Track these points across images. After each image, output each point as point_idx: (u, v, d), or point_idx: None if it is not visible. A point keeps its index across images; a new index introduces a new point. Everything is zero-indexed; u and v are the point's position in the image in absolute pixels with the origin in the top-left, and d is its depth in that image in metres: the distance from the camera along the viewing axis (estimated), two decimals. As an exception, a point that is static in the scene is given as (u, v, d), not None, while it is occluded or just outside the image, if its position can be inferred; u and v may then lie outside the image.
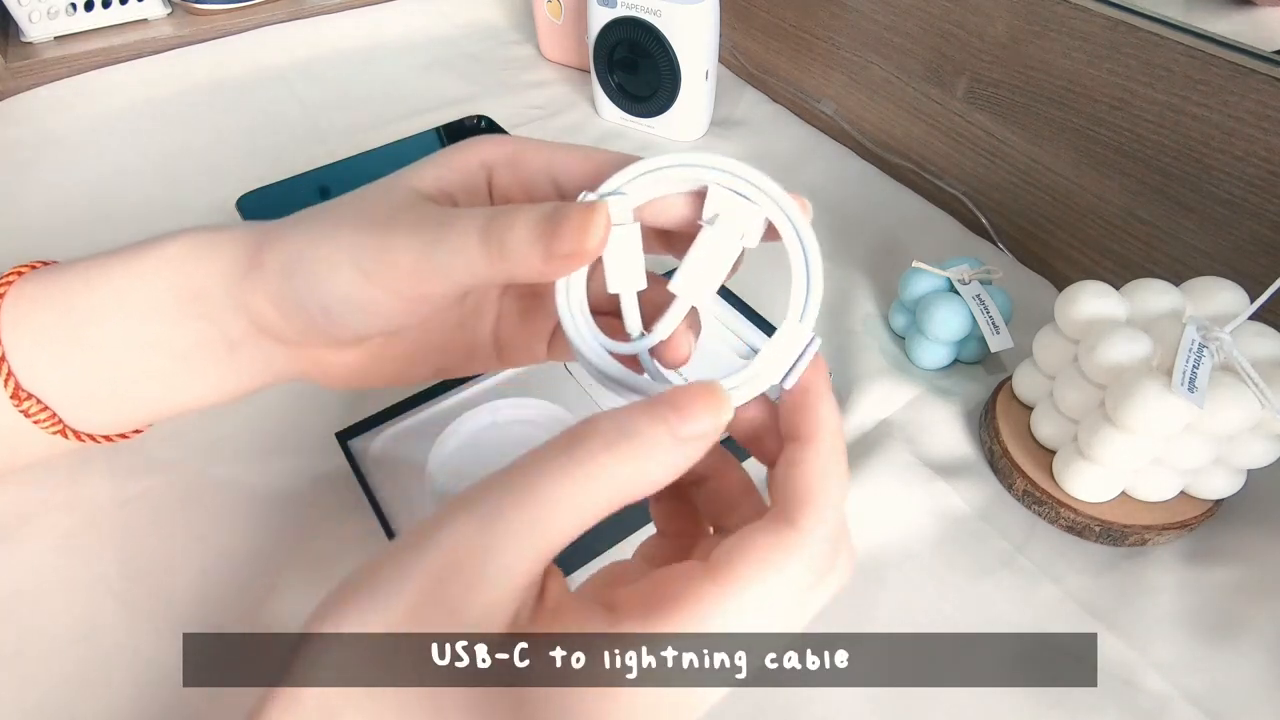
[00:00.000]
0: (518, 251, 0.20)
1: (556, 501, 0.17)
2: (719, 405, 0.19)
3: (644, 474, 0.18)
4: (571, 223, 0.20)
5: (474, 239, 0.21)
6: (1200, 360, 0.31)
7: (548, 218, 0.20)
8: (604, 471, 0.18)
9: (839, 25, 0.61)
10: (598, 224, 0.20)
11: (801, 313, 0.21)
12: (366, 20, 0.78)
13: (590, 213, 0.20)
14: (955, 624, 0.33)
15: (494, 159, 0.24)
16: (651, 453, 0.18)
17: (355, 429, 0.37)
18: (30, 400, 0.27)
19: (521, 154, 0.24)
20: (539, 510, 0.17)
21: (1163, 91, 0.41)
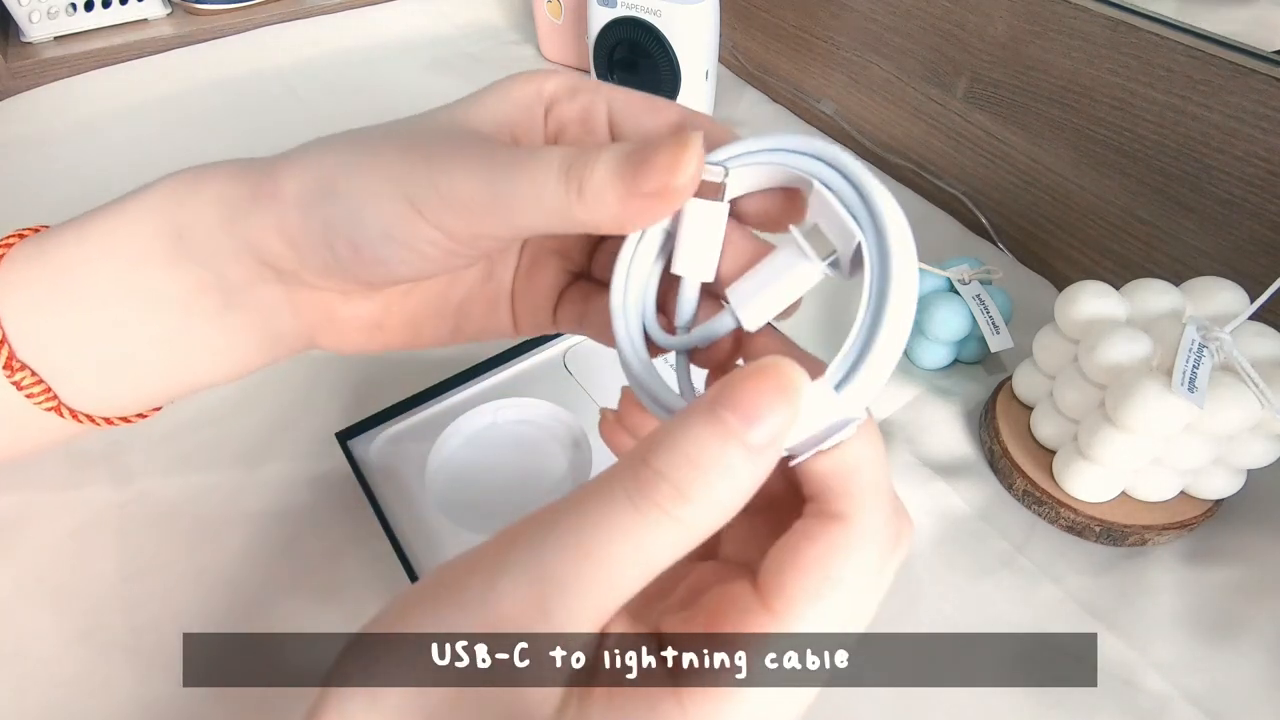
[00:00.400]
0: (598, 191, 0.18)
1: (620, 558, 0.15)
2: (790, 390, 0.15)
3: (719, 507, 0.15)
4: (661, 156, 0.17)
5: (551, 178, 0.18)
6: (1200, 360, 0.31)
7: (635, 151, 0.18)
8: (677, 523, 0.15)
9: (839, 25, 0.61)
10: (690, 159, 0.17)
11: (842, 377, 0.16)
12: (366, 20, 0.78)
13: (682, 146, 0.17)
14: (955, 624, 0.33)
15: (553, 93, 0.23)
16: (724, 479, 0.15)
17: (355, 429, 0.37)
18: (24, 371, 0.24)
19: (581, 89, 0.23)
20: (601, 571, 0.15)
21: (1163, 91, 0.41)
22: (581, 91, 0.23)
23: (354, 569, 0.34)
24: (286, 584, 0.34)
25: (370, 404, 0.38)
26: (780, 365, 0.15)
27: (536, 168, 0.19)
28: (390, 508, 0.35)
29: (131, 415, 0.28)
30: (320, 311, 0.25)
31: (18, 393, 0.25)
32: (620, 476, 0.15)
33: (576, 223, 0.19)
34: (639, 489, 0.15)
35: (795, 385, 0.15)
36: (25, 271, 0.24)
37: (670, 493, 0.14)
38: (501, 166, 0.19)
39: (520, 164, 0.19)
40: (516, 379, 0.40)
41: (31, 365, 0.24)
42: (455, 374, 0.39)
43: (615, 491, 0.15)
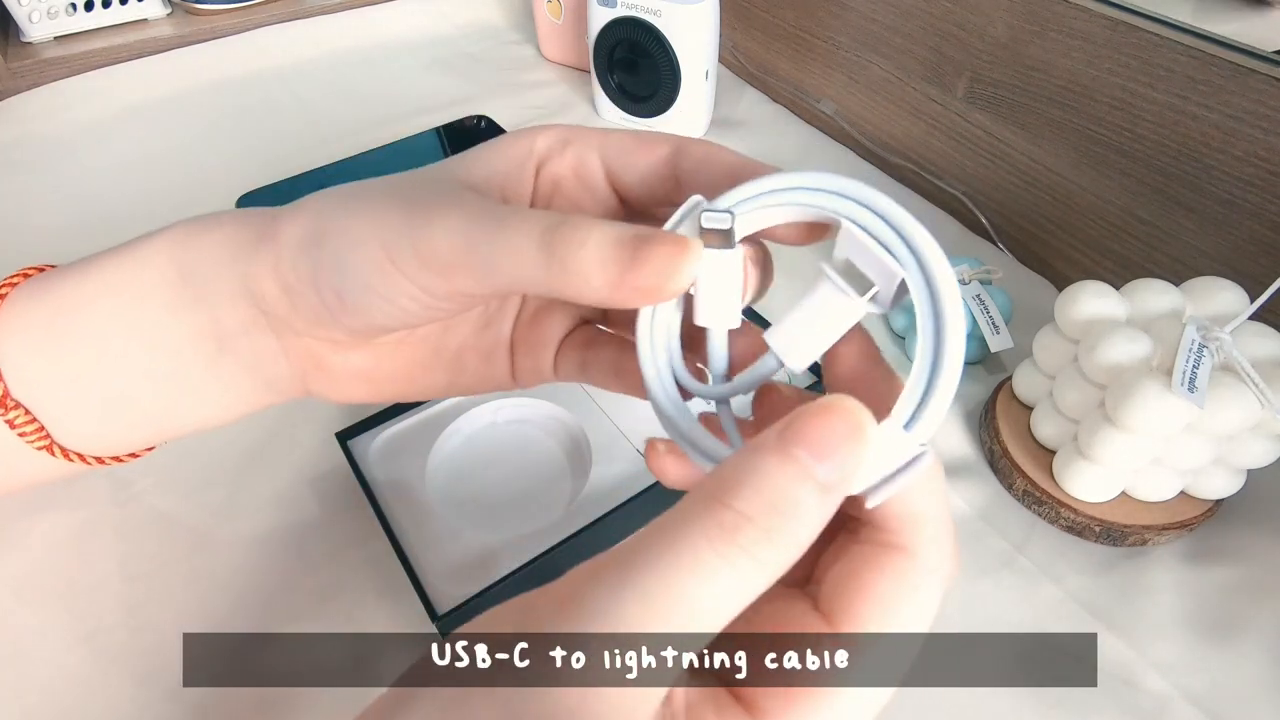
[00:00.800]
0: (582, 272, 0.17)
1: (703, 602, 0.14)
2: (858, 428, 0.15)
3: (797, 546, 0.15)
4: (658, 255, 0.17)
5: (532, 244, 0.18)
6: (1200, 360, 0.31)
7: (627, 242, 0.17)
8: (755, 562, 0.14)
9: (839, 25, 0.61)
10: (687, 263, 0.17)
11: (910, 416, 0.16)
12: (366, 20, 0.78)
13: (681, 249, 0.17)
14: (955, 624, 0.33)
15: (545, 149, 0.23)
16: (802, 519, 0.15)
17: (355, 429, 0.37)
18: (18, 410, 0.24)
19: (571, 141, 0.23)
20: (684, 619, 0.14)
21: (1163, 91, 0.41)
22: (572, 144, 0.22)
23: (354, 569, 0.34)
24: (287, 584, 0.34)
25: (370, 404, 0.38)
26: (847, 404, 0.15)
27: (516, 231, 0.18)
28: (390, 508, 0.35)
29: (124, 455, 0.28)
30: (311, 360, 0.25)
31: (10, 431, 0.25)
32: (699, 518, 0.15)
33: (556, 292, 0.18)
34: (721, 534, 0.14)
35: (863, 423, 0.15)
36: (25, 314, 0.25)
37: (755, 535, 0.14)
38: (480, 223, 0.19)
39: (502, 224, 0.19)
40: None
41: (26, 404, 0.25)
42: (455, 374, 0.39)
43: (694, 535, 0.14)
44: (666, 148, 0.22)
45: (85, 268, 0.25)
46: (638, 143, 0.22)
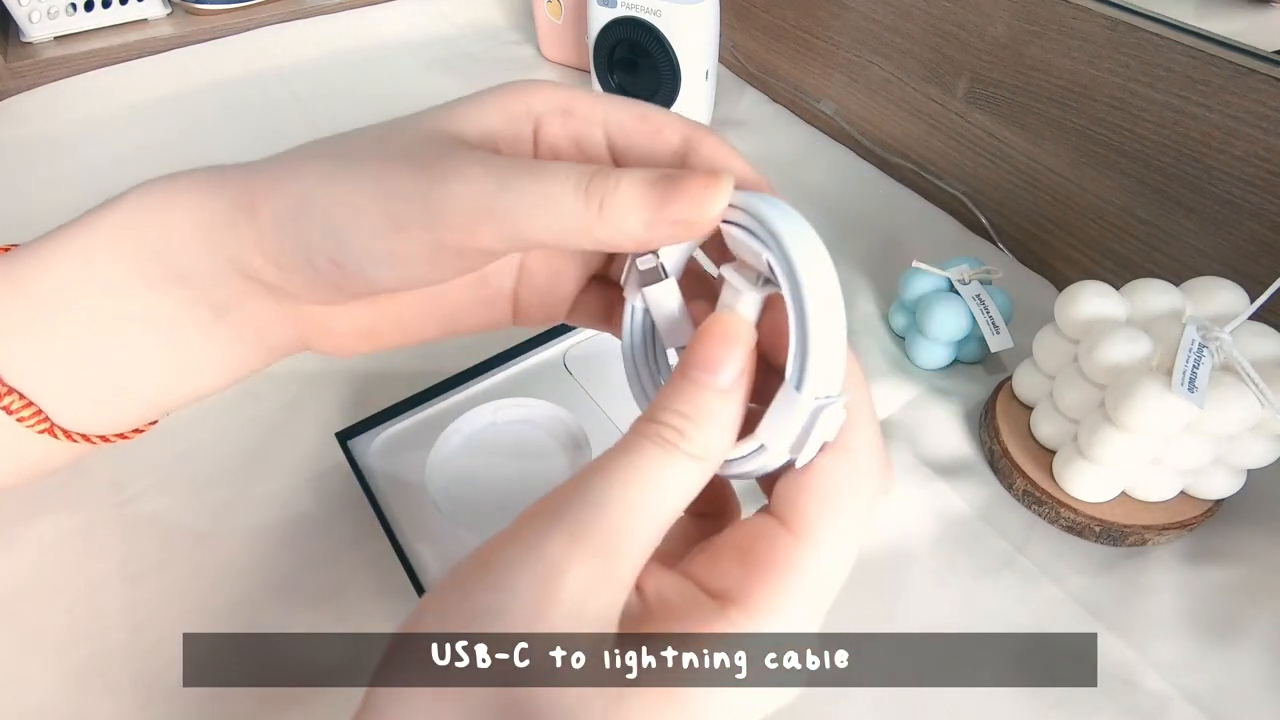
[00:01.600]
0: (621, 210, 0.18)
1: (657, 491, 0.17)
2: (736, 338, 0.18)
3: (718, 438, 0.18)
4: (693, 186, 0.18)
5: (569, 190, 0.18)
6: (1200, 360, 0.31)
7: (663, 177, 0.18)
8: (678, 451, 0.17)
9: (839, 25, 0.61)
10: (721, 193, 0.18)
11: (796, 376, 0.18)
12: (366, 20, 0.78)
13: (715, 180, 0.18)
14: (955, 624, 0.33)
15: (543, 108, 0.22)
16: (713, 419, 0.18)
17: (355, 429, 0.37)
18: (12, 395, 0.24)
19: (573, 105, 0.22)
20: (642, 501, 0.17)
21: (1163, 91, 0.41)
22: (574, 115, 0.22)
23: (354, 569, 0.34)
24: (286, 584, 0.34)
25: (370, 404, 0.38)
26: (720, 318, 0.19)
27: (551, 180, 0.18)
28: (390, 508, 0.35)
29: (128, 431, 0.27)
30: (310, 321, 0.25)
31: (8, 417, 0.24)
32: (630, 434, 0.18)
33: (591, 239, 0.19)
34: (646, 434, 0.18)
35: (730, 330, 0.18)
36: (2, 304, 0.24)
37: (672, 433, 0.17)
38: (507, 178, 0.19)
39: (531, 175, 0.19)
40: (516, 379, 0.40)
41: (19, 389, 0.24)
42: (455, 374, 0.39)
43: (629, 442, 0.18)
44: (676, 139, 0.22)
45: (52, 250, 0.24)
46: (645, 129, 0.22)
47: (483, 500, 0.36)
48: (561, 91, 0.22)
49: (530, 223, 0.19)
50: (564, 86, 0.22)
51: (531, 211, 0.19)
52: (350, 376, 0.43)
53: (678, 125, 0.22)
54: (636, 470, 0.17)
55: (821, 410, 0.17)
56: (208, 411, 0.40)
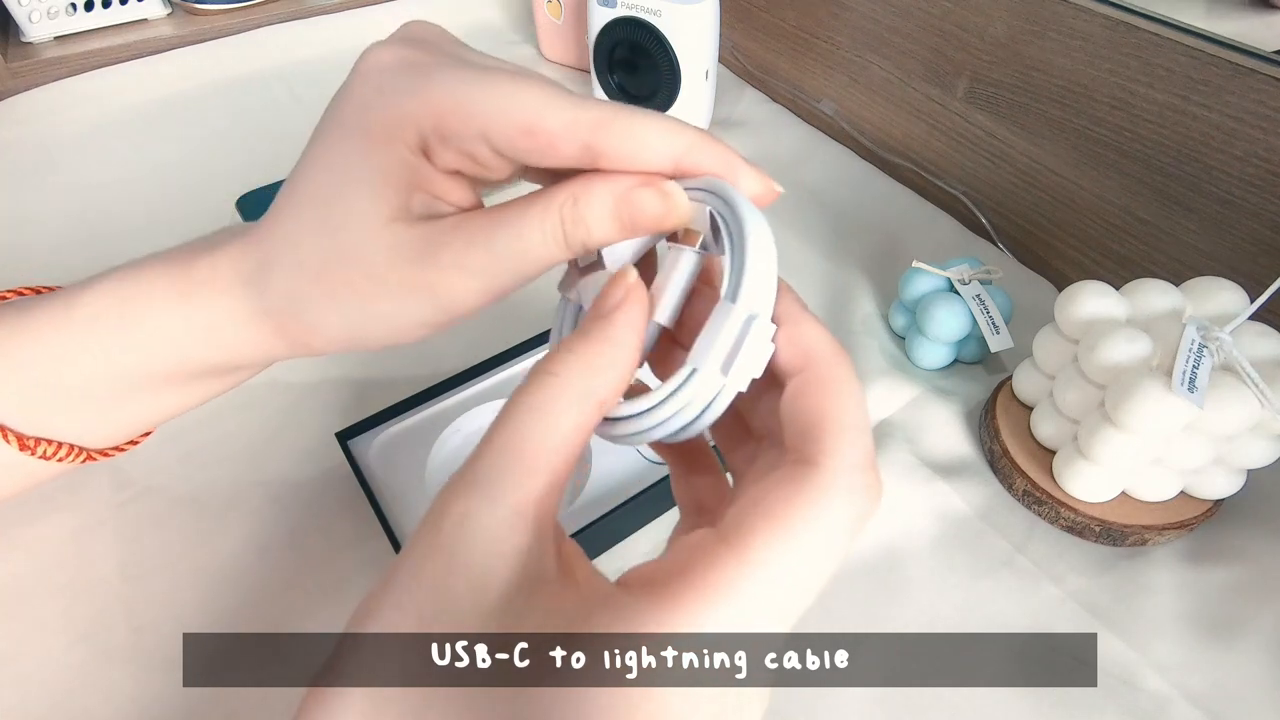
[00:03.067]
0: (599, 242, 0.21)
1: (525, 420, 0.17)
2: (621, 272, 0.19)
3: (592, 363, 0.18)
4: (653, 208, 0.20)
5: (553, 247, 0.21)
6: (1200, 360, 0.31)
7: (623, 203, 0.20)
8: (553, 377, 0.18)
9: (839, 25, 0.61)
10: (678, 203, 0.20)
11: (731, 289, 0.18)
12: (366, 20, 0.78)
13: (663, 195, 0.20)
14: (955, 624, 0.33)
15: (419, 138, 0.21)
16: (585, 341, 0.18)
17: (355, 429, 0.37)
18: (43, 444, 0.26)
19: (446, 126, 0.20)
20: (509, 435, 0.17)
21: (1163, 91, 0.41)
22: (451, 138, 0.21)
23: (354, 569, 0.34)
24: (287, 584, 0.34)
25: (370, 404, 0.38)
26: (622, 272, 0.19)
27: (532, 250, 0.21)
28: (390, 508, 0.35)
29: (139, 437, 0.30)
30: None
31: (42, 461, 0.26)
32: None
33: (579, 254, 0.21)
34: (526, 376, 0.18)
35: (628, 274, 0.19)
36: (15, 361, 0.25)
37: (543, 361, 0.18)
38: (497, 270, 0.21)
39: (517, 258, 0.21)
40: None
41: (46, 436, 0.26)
42: (455, 374, 0.39)
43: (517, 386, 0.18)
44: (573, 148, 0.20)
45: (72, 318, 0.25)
46: (535, 145, 0.20)
47: (483, 500, 0.36)
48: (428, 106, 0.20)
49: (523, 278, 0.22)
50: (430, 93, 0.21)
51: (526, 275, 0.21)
52: (350, 377, 0.43)
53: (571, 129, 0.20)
54: (505, 412, 0.17)
55: (753, 322, 0.18)
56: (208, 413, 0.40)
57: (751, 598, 0.15)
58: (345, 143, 0.22)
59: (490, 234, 0.21)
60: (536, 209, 0.21)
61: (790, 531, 0.16)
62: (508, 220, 0.21)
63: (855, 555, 0.35)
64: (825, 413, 0.17)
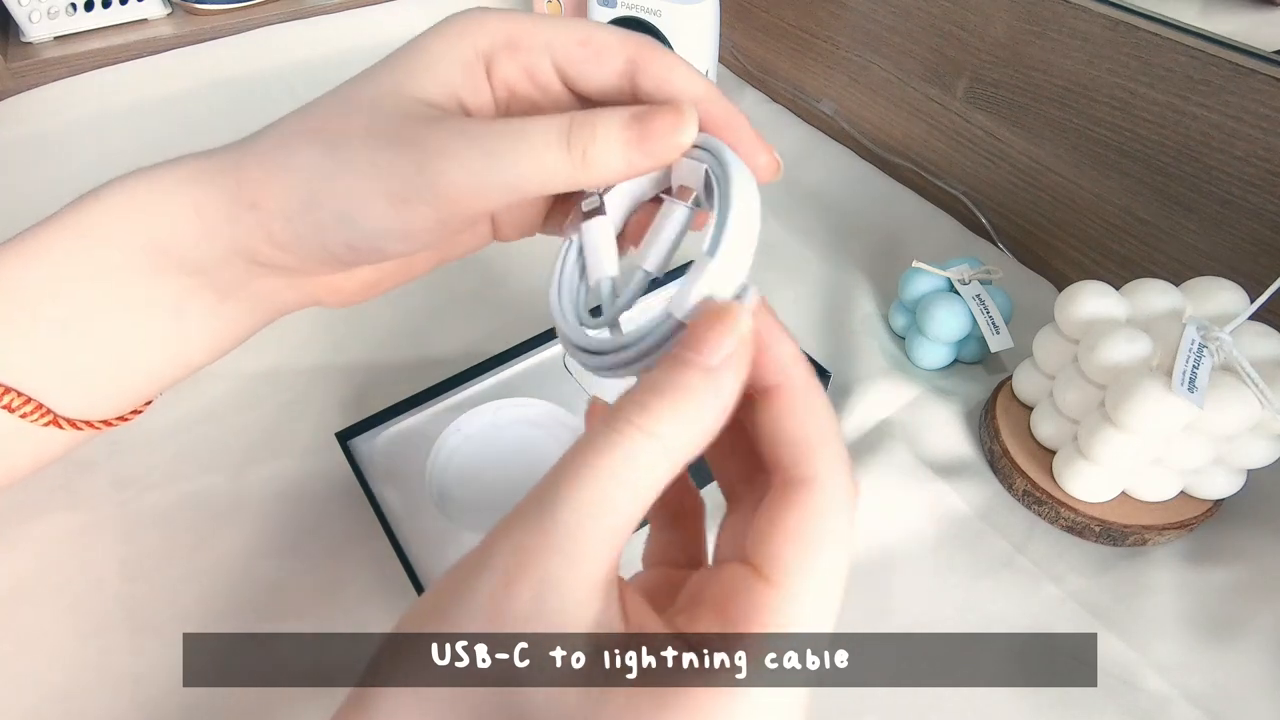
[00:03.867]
0: (603, 156, 0.20)
1: (611, 481, 0.16)
2: (732, 319, 0.17)
3: (692, 423, 0.16)
4: (662, 125, 0.20)
5: (554, 148, 0.20)
6: (1200, 360, 0.31)
7: (635, 118, 0.20)
8: (649, 438, 0.16)
9: (839, 25, 0.61)
10: (687, 125, 0.20)
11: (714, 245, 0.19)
12: (366, 20, 0.78)
13: (679, 112, 0.20)
14: (955, 624, 0.33)
15: (489, 45, 0.23)
16: (690, 397, 0.16)
17: (355, 429, 0.37)
18: (10, 394, 0.24)
19: (517, 37, 0.23)
20: (594, 495, 0.15)
21: (1163, 91, 0.41)
22: (520, 48, 0.23)
23: (354, 569, 0.34)
24: (287, 584, 0.34)
25: (370, 404, 0.38)
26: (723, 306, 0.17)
27: (534, 142, 0.20)
28: (390, 508, 0.35)
29: (128, 413, 0.28)
30: (319, 285, 0.26)
31: (10, 415, 0.24)
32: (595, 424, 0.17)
33: (577, 183, 0.21)
34: (610, 419, 0.16)
35: (736, 316, 0.17)
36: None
37: (635, 410, 0.16)
38: (492, 147, 0.20)
39: (514, 139, 0.20)
40: (516, 379, 0.40)
41: (16, 387, 0.24)
42: (455, 374, 0.39)
43: (593, 431, 0.16)
44: (620, 61, 0.22)
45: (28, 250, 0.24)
46: (589, 53, 0.22)
47: (483, 500, 0.36)
48: (504, 22, 0.23)
49: (524, 183, 0.21)
50: (504, 14, 0.23)
51: (522, 173, 0.20)
52: (350, 376, 0.43)
53: (620, 45, 0.22)
54: (588, 464, 0.16)
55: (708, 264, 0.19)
56: (208, 413, 0.40)
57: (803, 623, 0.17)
58: (409, 49, 0.23)
59: (496, 128, 0.21)
60: (547, 118, 0.21)
61: (814, 550, 0.17)
62: (515, 121, 0.21)
63: (855, 555, 0.35)
64: (812, 432, 0.18)
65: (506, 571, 0.15)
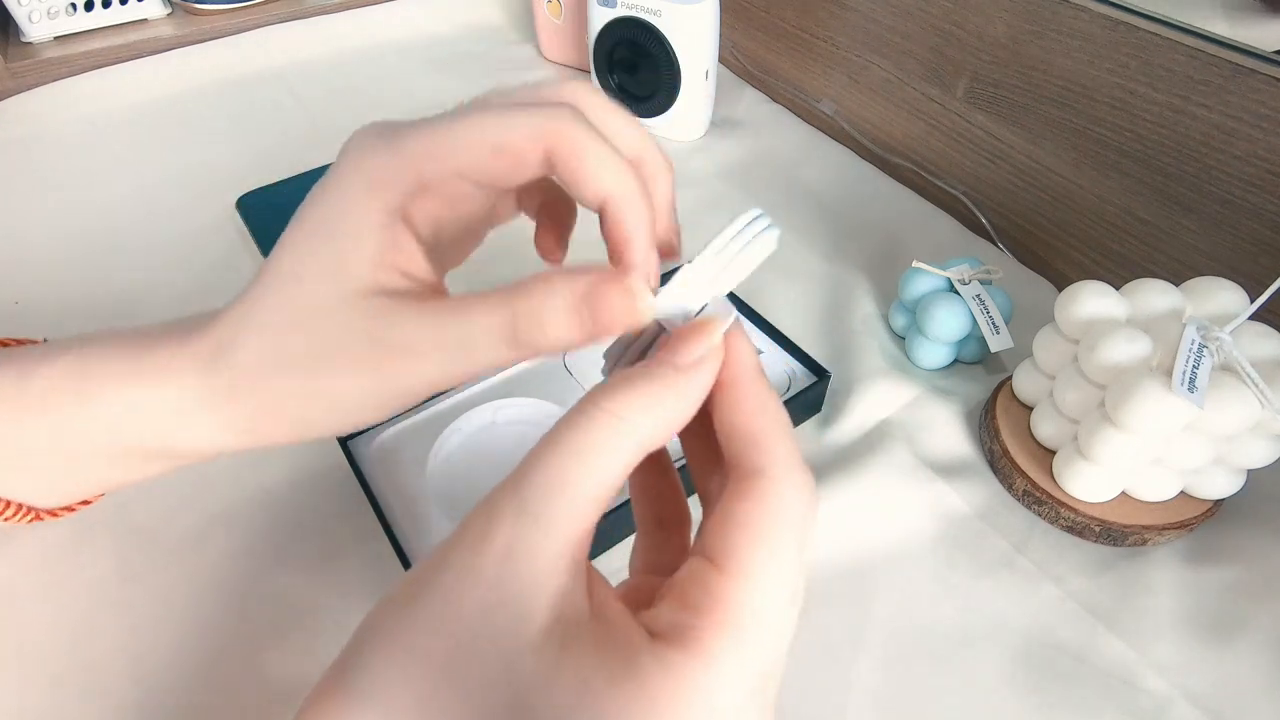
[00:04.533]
0: (549, 347, 0.20)
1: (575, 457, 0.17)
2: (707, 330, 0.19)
3: (655, 409, 0.18)
4: (613, 307, 0.20)
5: (501, 348, 0.20)
6: (1200, 360, 0.31)
7: (583, 303, 0.20)
8: (615, 419, 0.17)
9: (839, 25, 0.61)
10: (641, 303, 0.20)
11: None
12: (366, 20, 0.78)
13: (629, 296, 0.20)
14: (955, 624, 0.33)
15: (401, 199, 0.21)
16: (656, 388, 0.18)
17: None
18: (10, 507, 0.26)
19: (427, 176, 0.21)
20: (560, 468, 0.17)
21: (1163, 91, 0.41)
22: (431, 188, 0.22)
23: (354, 569, 0.34)
24: (286, 583, 0.34)
25: (370, 404, 0.38)
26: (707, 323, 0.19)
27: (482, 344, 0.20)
28: (390, 508, 0.35)
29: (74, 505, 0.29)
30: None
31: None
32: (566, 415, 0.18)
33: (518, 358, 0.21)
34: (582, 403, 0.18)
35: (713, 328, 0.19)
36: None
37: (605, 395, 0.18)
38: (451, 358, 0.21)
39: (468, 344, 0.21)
40: (516, 379, 0.40)
41: None
42: (455, 374, 0.39)
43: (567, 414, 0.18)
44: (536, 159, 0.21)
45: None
46: (504, 164, 0.21)
47: (483, 500, 0.36)
48: (408, 161, 0.21)
49: (476, 373, 0.21)
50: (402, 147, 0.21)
51: (476, 370, 0.21)
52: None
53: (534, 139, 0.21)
54: (558, 441, 0.17)
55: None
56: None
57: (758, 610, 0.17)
58: (324, 220, 0.22)
59: (442, 320, 0.21)
60: (491, 301, 0.20)
61: (765, 538, 0.17)
62: (461, 309, 0.21)
63: (855, 555, 0.35)
64: (762, 425, 0.18)
65: (477, 537, 0.17)
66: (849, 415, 0.41)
